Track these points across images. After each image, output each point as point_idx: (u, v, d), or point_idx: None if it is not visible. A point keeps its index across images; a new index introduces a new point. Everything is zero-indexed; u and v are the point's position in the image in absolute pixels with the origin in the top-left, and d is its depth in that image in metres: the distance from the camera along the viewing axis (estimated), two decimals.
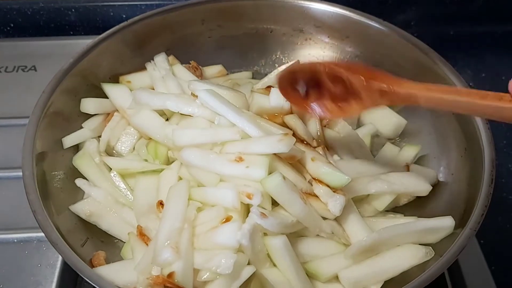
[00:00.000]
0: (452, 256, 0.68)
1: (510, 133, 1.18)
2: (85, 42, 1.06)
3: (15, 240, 0.87)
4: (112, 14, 1.35)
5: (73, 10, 1.34)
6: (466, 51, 1.38)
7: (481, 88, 1.26)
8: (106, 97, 0.94)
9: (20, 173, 0.92)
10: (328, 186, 0.76)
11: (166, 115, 0.91)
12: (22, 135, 0.98)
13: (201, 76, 1.01)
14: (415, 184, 0.83)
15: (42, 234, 0.85)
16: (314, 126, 0.87)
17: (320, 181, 0.77)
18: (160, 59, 0.99)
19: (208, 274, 0.68)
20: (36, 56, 1.19)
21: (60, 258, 0.85)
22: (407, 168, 0.88)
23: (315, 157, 0.78)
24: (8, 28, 1.35)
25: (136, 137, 0.91)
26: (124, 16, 1.35)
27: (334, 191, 0.76)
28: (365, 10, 1.02)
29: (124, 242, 0.81)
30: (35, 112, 0.81)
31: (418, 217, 0.81)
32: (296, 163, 0.80)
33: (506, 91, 1.34)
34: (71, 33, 1.37)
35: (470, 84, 1.25)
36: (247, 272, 0.69)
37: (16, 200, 0.91)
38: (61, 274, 0.84)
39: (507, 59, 1.38)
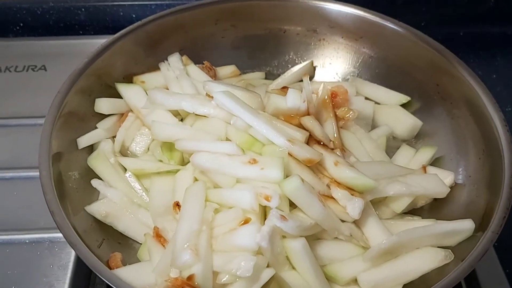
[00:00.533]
0: (474, 260, 0.68)
1: None
2: (94, 41, 1.07)
3: (27, 241, 0.87)
4: (122, 14, 1.35)
5: (82, 9, 1.34)
6: (476, 52, 1.38)
7: (492, 89, 1.26)
8: (120, 97, 0.93)
9: (31, 173, 0.95)
10: (347, 189, 0.75)
11: (180, 116, 0.90)
12: (32, 135, 0.99)
13: (214, 77, 1.01)
14: (433, 186, 0.82)
15: (54, 235, 0.87)
16: (330, 128, 0.86)
17: (339, 184, 0.77)
18: (174, 59, 0.98)
19: (227, 276, 0.68)
20: (45, 56, 1.19)
21: (72, 259, 0.85)
22: (423, 169, 0.88)
23: (338, 160, 0.78)
24: (18, 28, 1.35)
25: (150, 137, 0.90)
26: (134, 16, 1.34)
27: (352, 194, 0.75)
28: (375, 10, 1.01)
29: (140, 244, 0.81)
30: (51, 112, 0.81)
31: (436, 219, 0.81)
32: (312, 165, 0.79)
33: None
34: (81, 32, 1.37)
35: None
36: (266, 274, 0.69)
37: (27, 200, 0.92)
38: (74, 275, 0.84)
39: None
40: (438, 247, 0.76)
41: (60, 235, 0.84)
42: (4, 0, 1.31)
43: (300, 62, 1.09)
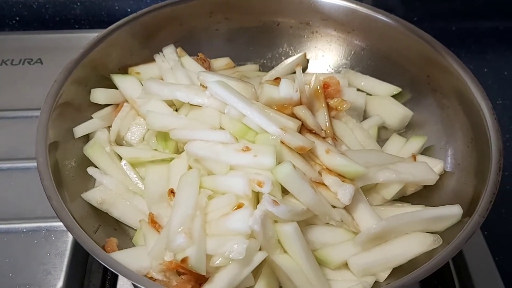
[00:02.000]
0: (460, 243, 0.69)
1: None
2: (90, 35, 1.07)
3: (24, 230, 0.88)
4: (117, 8, 1.36)
5: (78, 3, 1.35)
6: (468, 47, 1.40)
7: (484, 83, 1.27)
8: (115, 88, 0.94)
9: (28, 164, 0.96)
10: (338, 176, 0.76)
11: (175, 106, 0.91)
12: (28, 127, 1.00)
13: (209, 68, 1.01)
14: (423, 174, 0.83)
15: (51, 223, 0.88)
16: (322, 117, 0.88)
17: (330, 171, 0.78)
18: (169, 51, 0.99)
19: (220, 259, 0.69)
20: (41, 49, 1.20)
21: (68, 247, 0.86)
22: (413, 158, 0.89)
23: (329, 148, 0.79)
24: (14, 22, 1.36)
25: (145, 127, 0.91)
26: (129, 9, 1.36)
27: (343, 181, 0.77)
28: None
29: (135, 230, 0.82)
30: (48, 101, 0.82)
31: (425, 206, 0.82)
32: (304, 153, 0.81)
33: (507, 85, 1.36)
34: (76, 26, 1.38)
35: None
36: (258, 257, 0.70)
37: (24, 190, 0.93)
38: (70, 262, 0.85)
39: (509, 55, 1.40)
40: (427, 232, 0.77)
41: (57, 224, 0.87)
42: None
43: (294, 55, 1.10)
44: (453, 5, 1.43)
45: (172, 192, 0.78)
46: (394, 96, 1.00)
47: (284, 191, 0.76)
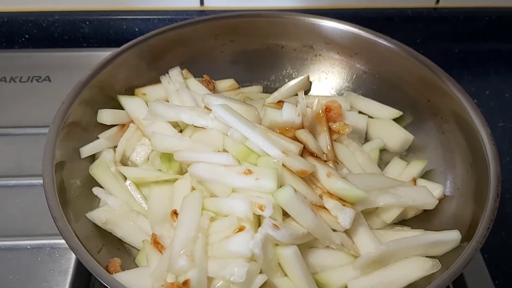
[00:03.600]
0: (459, 268, 0.70)
1: None
2: (98, 54, 1.09)
3: (28, 247, 0.89)
4: (125, 27, 1.38)
5: (87, 22, 1.37)
6: (470, 69, 1.41)
7: (485, 105, 1.28)
8: (122, 108, 0.96)
9: (33, 181, 0.97)
10: (339, 199, 0.78)
11: (180, 127, 0.93)
12: (35, 144, 1.02)
13: (213, 90, 1.04)
14: (422, 198, 0.85)
15: (54, 241, 0.89)
16: (324, 141, 0.89)
17: (331, 195, 0.79)
18: (175, 73, 1.01)
19: (221, 282, 0.70)
20: (50, 67, 1.22)
21: (72, 265, 0.87)
22: (413, 182, 0.90)
23: (330, 172, 0.80)
24: (23, 39, 1.38)
25: (150, 148, 0.93)
26: (136, 29, 1.37)
27: (343, 205, 0.78)
28: (371, 27, 1.05)
29: (138, 250, 0.83)
30: (55, 122, 0.84)
31: (425, 230, 0.83)
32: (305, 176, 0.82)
33: (509, 107, 1.37)
34: (85, 45, 1.40)
35: (475, 100, 1.27)
36: (259, 280, 0.71)
37: (29, 207, 0.94)
38: (73, 280, 0.86)
39: (511, 77, 1.41)
40: (426, 256, 0.78)
41: (61, 241, 0.88)
42: (10, 13, 1.35)
43: (297, 77, 1.12)
44: (456, 28, 1.44)
45: (175, 213, 0.80)
46: (395, 120, 1.02)
47: (285, 214, 0.77)
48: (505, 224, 1.05)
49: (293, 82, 1.09)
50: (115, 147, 0.93)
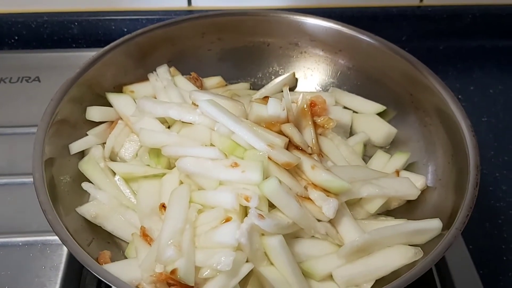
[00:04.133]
0: (439, 253, 0.72)
1: (498, 144, 1.22)
2: (87, 54, 1.10)
3: (20, 243, 0.90)
4: (113, 27, 1.39)
5: (76, 23, 1.38)
6: (455, 65, 1.43)
7: (470, 100, 1.31)
8: (110, 105, 0.98)
9: (24, 179, 0.98)
10: (323, 190, 0.79)
11: (167, 123, 0.95)
12: (25, 143, 1.02)
13: (201, 87, 1.05)
14: (405, 189, 0.86)
15: (46, 237, 0.90)
16: (309, 134, 0.91)
17: (315, 186, 0.81)
18: (162, 70, 1.03)
19: (208, 271, 0.71)
20: (39, 68, 1.24)
21: (63, 260, 0.88)
22: (397, 174, 0.92)
23: (315, 164, 0.82)
24: (13, 41, 1.39)
25: (139, 143, 0.94)
26: (125, 29, 1.39)
27: (327, 195, 0.80)
28: (357, 26, 1.07)
29: (128, 243, 0.85)
30: (44, 119, 0.85)
31: (408, 219, 0.85)
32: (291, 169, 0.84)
33: (493, 103, 1.38)
34: (74, 45, 1.41)
35: (459, 96, 1.30)
36: (245, 269, 0.73)
37: (21, 205, 0.96)
38: (65, 275, 0.87)
39: (495, 73, 1.43)
40: (409, 245, 0.80)
41: (52, 237, 0.89)
42: None
43: (283, 73, 1.14)
44: (440, 25, 1.46)
45: (163, 206, 0.81)
46: (379, 114, 1.04)
47: (271, 205, 0.79)
48: (489, 216, 1.08)
49: (279, 79, 1.11)
50: (104, 143, 0.95)
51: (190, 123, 0.88)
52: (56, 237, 0.73)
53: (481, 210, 0.99)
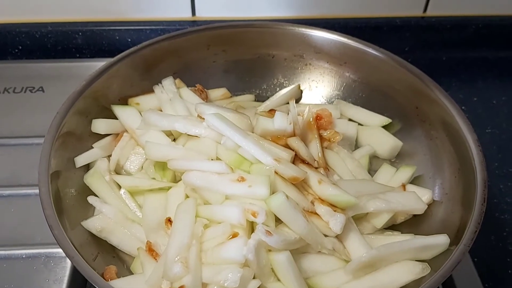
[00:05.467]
0: (447, 270, 0.72)
1: (502, 155, 1.22)
2: (91, 64, 1.10)
3: (24, 256, 0.90)
4: (117, 37, 1.39)
5: (80, 33, 1.38)
6: (458, 76, 1.43)
7: (473, 111, 1.31)
8: (116, 118, 0.97)
9: (28, 191, 0.98)
10: (330, 205, 0.79)
11: (173, 136, 0.95)
12: (29, 154, 1.03)
13: (206, 99, 1.05)
14: (412, 203, 0.86)
15: (50, 250, 0.90)
16: (315, 148, 0.91)
17: (322, 201, 0.81)
18: (168, 82, 1.03)
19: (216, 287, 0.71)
20: (43, 78, 1.23)
21: (67, 273, 0.88)
22: (403, 187, 0.92)
23: (321, 179, 0.82)
24: (17, 50, 1.39)
25: (144, 156, 0.94)
26: (129, 40, 1.39)
27: (334, 210, 0.79)
28: (360, 36, 1.07)
29: (133, 257, 0.84)
30: (50, 132, 0.85)
31: (415, 234, 0.85)
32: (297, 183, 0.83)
33: (496, 113, 1.38)
34: (78, 55, 1.41)
35: (463, 107, 1.30)
36: (252, 285, 0.72)
37: (24, 217, 0.95)
38: None
39: (498, 84, 1.43)
40: (416, 260, 0.80)
41: (56, 250, 0.89)
42: (4, 24, 1.36)
43: (288, 85, 1.14)
44: (443, 36, 1.47)
45: (169, 220, 0.81)
46: (384, 127, 1.04)
47: (278, 220, 0.79)
48: (494, 228, 1.07)
49: (284, 91, 1.11)
50: (109, 156, 0.94)
51: (196, 136, 0.88)
52: (60, 250, 0.73)
53: (486, 222, 0.98)
